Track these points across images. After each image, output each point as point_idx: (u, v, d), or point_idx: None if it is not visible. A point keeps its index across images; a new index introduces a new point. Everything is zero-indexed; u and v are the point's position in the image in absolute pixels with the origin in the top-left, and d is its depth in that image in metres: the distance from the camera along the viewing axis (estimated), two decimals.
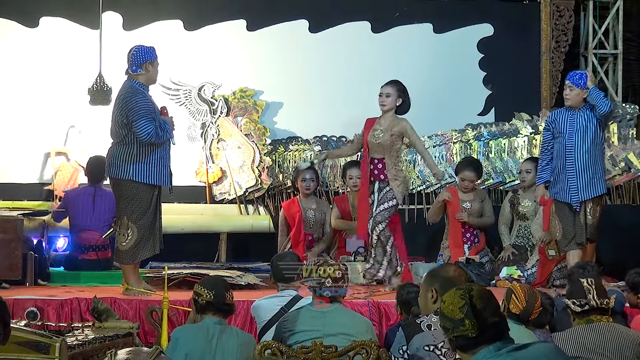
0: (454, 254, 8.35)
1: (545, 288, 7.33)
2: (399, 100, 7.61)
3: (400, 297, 5.84)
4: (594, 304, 4.58)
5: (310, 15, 9.74)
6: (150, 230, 7.13)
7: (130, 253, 7.10)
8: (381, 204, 7.54)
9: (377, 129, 7.59)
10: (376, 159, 7.60)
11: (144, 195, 7.07)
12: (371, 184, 7.62)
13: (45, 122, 9.32)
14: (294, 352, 4.72)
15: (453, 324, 3.21)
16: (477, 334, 3.18)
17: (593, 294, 4.60)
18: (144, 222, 7.08)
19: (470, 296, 3.21)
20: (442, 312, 3.26)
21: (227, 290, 5.13)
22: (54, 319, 6.52)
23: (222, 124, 9.44)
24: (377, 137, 7.56)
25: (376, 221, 7.52)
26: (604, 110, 7.17)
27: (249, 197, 9.49)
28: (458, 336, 3.20)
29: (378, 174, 7.60)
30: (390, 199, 7.55)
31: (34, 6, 9.44)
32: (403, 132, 7.58)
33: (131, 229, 7.05)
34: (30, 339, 4.13)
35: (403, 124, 7.58)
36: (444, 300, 3.27)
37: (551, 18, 9.90)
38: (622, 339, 4.46)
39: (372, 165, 7.61)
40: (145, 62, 7.06)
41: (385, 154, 7.58)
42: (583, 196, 7.25)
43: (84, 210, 8.27)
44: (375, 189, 7.58)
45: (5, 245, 7.46)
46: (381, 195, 7.56)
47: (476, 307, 3.19)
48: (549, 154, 7.43)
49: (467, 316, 3.18)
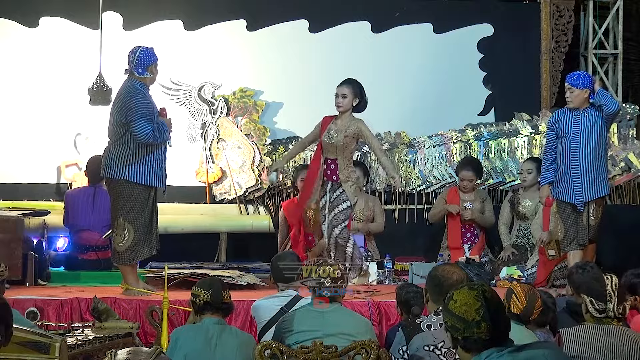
0: (454, 254, 8.35)
1: (545, 288, 7.33)
2: (355, 101, 7.51)
3: (399, 297, 5.85)
4: (612, 314, 4.54)
5: (310, 15, 9.74)
6: (147, 230, 7.13)
7: (127, 253, 7.10)
8: (335, 207, 7.51)
9: (332, 129, 7.52)
10: (329, 159, 7.55)
11: (139, 196, 7.07)
12: (324, 184, 7.58)
13: (45, 122, 9.31)
14: (294, 352, 4.72)
15: (465, 325, 3.12)
16: (490, 337, 3.12)
17: (614, 303, 4.55)
18: (140, 222, 7.08)
19: (485, 298, 3.14)
20: (453, 312, 3.16)
21: (224, 290, 5.13)
22: (54, 319, 6.52)
23: (222, 124, 9.44)
24: (331, 138, 7.50)
25: (332, 225, 7.50)
26: (613, 109, 7.15)
27: (249, 197, 9.49)
28: (468, 337, 3.13)
29: (331, 174, 7.55)
30: (344, 201, 7.51)
31: (34, 6, 9.44)
32: (358, 133, 7.50)
33: (127, 230, 7.06)
34: (30, 339, 4.13)
35: (358, 125, 7.49)
36: (455, 300, 3.17)
37: (551, 18, 9.89)
38: (630, 344, 4.43)
39: (325, 165, 7.56)
40: (151, 64, 7.10)
41: (338, 155, 7.52)
42: (587, 197, 7.24)
43: (84, 210, 8.27)
44: (328, 189, 7.54)
45: (5, 245, 7.46)
46: (334, 197, 7.52)
47: (491, 309, 3.12)
48: (552, 154, 7.41)
49: (484, 319, 3.11)
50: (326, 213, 7.54)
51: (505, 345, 3.15)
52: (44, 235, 8.32)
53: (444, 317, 3.22)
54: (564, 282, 7.39)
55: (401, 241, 9.07)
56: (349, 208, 7.56)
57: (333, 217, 7.51)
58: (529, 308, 4.83)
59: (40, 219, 8.27)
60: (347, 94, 7.50)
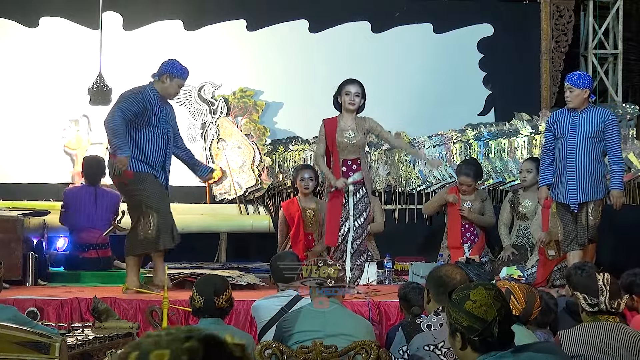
0: (454, 254, 8.35)
1: (545, 288, 7.33)
2: (361, 101, 7.47)
3: (399, 294, 5.86)
4: (604, 307, 4.57)
5: (310, 15, 9.74)
6: (167, 218, 7.18)
7: (153, 240, 7.13)
8: (362, 213, 7.37)
9: (346, 129, 7.40)
10: (349, 159, 7.42)
11: (151, 181, 7.13)
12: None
13: (45, 122, 9.32)
14: (294, 353, 4.72)
15: (483, 325, 3.09)
16: (503, 337, 3.10)
17: (606, 296, 4.58)
18: (162, 207, 7.14)
19: (503, 298, 3.14)
20: (471, 312, 3.12)
21: (221, 293, 5.04)
22: (54, 319, 6.52)
23: (222, 124, 9.44)
24: (350, 138, 7.39)
25: (363, 228, 7.38)
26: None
27: (249, 197, 9.49)
28: (485, 338, 3.10)
29: (353, 175, 7.44)
30: (368, 204, 7.43)
31: (34, 6, 9.44)
32: (370, 129, 7.46)
33: (152, 216, 7.09)
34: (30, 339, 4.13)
35: (371, 122, 7.45)
36: (474, 300, 3.12)
37: (551, 18, 9.90)
38: (627, 339, 4.46)
39: (344, 166, 7.42)
40: (165, 73, 7.14)
41: (359, 154, 7.47)
42: (582, 198, 7.23)
43: (86, 209, 8.28)
44: (350, 191, 7.38)
45: (5, 245, 7.46)
46: (357, 199, 7.40)
47: (507, 309, 3.13)
48: (551, 155, 7.39)
49: (503, 319, 3.10)
50: (350, 215, 7.36)
51: (509, 345, 3.15)
52: (44, 235, 8.32)
53: (456, 318, 3.15)
54: (563, 282, 7.38)
55: (401, 241, 9.06)
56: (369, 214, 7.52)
57: (363, 222, 7.37)
58: (528, 309, 4.82)
59: (40, 219, 8.27)
60: (359, 92, 7.46)
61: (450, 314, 3.18)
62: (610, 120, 7.18)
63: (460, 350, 3.15)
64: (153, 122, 7.12)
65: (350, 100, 7.40)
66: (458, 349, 3.16)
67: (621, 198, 7.30)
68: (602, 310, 4.58)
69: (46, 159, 9.29)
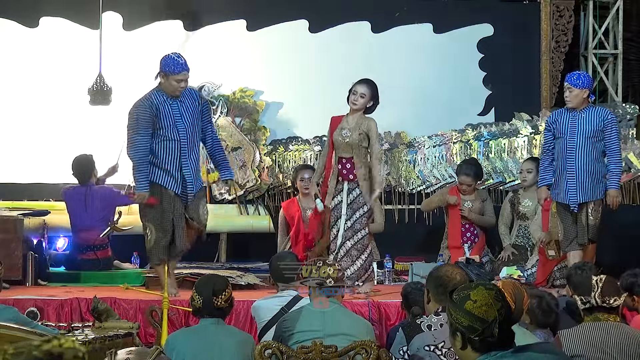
0: (454, 254, 8.35)
1: (545, 288, 7.33)
2: (369, 102, 7.42)
3: (402, 290, 5.84)
4: (595, 302, 4.58)
5: (310, 15, 9.74)
6: (166, 231, 7.07)
7: (150, 252, 7.14)
8: (356, 211, 7.36)
9: (344, 127, 7.39)
10: (344, 158, 7.42)
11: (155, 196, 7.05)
12: (339, 184, 7.44)
13: (45, 122, 9.31)
14: (294, 352, 4.72)
15: (484, 325, 3.08)
16: (503, 337, 3.10)
17: (597, 292, 4.59)
18: (160, 221, 7.07)
19: (503, 298, 3.13)
20: (471, 312, 3.10)
21: (220, 293, 5.03)
22: (54, 319, 6.53)
23: (222, 124, 9.44)
24: (345, 137, 7.38)
25: (355, 229, 7.36)
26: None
27: (249, 197, 9.49)
28: (485, 338, 3.09)
29: (347, 173, 7.41)
30: (363, 204, 7.38)
31: (34, 6, 9.44)
32: (367, 131, 7.37)
33: (149, 229, 7.08)
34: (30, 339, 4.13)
35: (370, 124, 7.37)
36: (474, 300, 3.11)
37: (551, 18, 9.89)
38: (627, 339, 4.46)
39: (339, 165, 7.43)
40: (160, 72, 7.03)
41: (353, 153, 7.44)
42: (581, 198, 7.23)
43: (79, 210, 8.24)
44: (345, 189, 7.41)
45: (5, 245, 7.47)
46: (352, 199, 7.38)
47: (508, 310, 3.13)
48: (550, 155, 7.40)
49: (504, 319, 3.10)
50: (342, 214, 7.38)
51: (509, 345, 3.15)
52: (44, 235, 8.32)
53: (457, 318, 3.14)
54: (564, 282, 7.38)
55: (401, 241, 9.06)
56: (368, 211, 7.44)
57: (354, 222, 7.36)
58: (518, 307, 4.80)
59: (40, 219, 8.27)
60: (365, 94, 7.39)
61: (451, 314, 3.17)
62: (610, 120, 7.19)
63: (461, 350, 3.14)
64: (164, 124, 7.01)
65: (353, 99, 7.40)
66: (458, 348, 3.15)
67: (617, 197, 7.30)
68: (594, 306, 4.58)
69: (46, 159, 9.28)
